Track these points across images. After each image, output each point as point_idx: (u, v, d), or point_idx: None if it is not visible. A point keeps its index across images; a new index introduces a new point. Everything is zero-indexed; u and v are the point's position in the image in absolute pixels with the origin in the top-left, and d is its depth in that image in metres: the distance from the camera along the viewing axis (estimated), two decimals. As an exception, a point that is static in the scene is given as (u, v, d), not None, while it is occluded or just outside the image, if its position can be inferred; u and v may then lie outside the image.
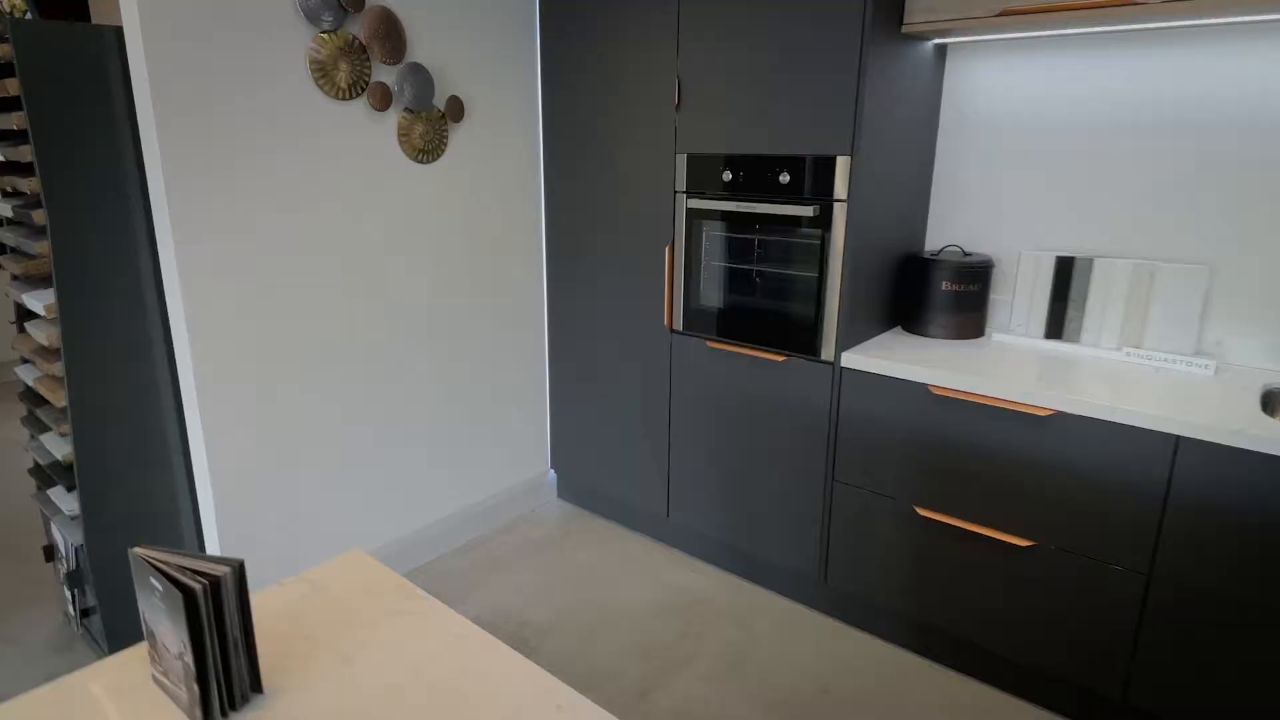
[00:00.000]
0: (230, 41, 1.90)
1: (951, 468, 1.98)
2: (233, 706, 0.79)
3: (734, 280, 2.35)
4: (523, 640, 2.27)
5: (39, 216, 1.80)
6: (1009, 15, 1.86)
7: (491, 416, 2.83)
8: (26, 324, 2.05)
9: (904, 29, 2.04)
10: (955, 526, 2.01)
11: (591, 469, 2.93)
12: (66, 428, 1.93)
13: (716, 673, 2.14)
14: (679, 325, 2.52)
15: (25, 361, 2.17)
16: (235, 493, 2.10)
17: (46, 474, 2.15)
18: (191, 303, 1.93)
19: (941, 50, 2.29)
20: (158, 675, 0.83)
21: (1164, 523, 1.70)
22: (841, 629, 2.34)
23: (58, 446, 2.05)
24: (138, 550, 0.79)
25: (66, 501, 2.06)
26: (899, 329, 2.39)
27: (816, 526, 2.30)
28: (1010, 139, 2.24)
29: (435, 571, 2.64)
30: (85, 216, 1.84)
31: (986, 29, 2.00)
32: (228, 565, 0.77)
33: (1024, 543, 1.90)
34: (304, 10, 2.03)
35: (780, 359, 2.28)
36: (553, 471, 3.14)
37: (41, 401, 2.11)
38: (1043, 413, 1.81)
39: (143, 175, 1.90)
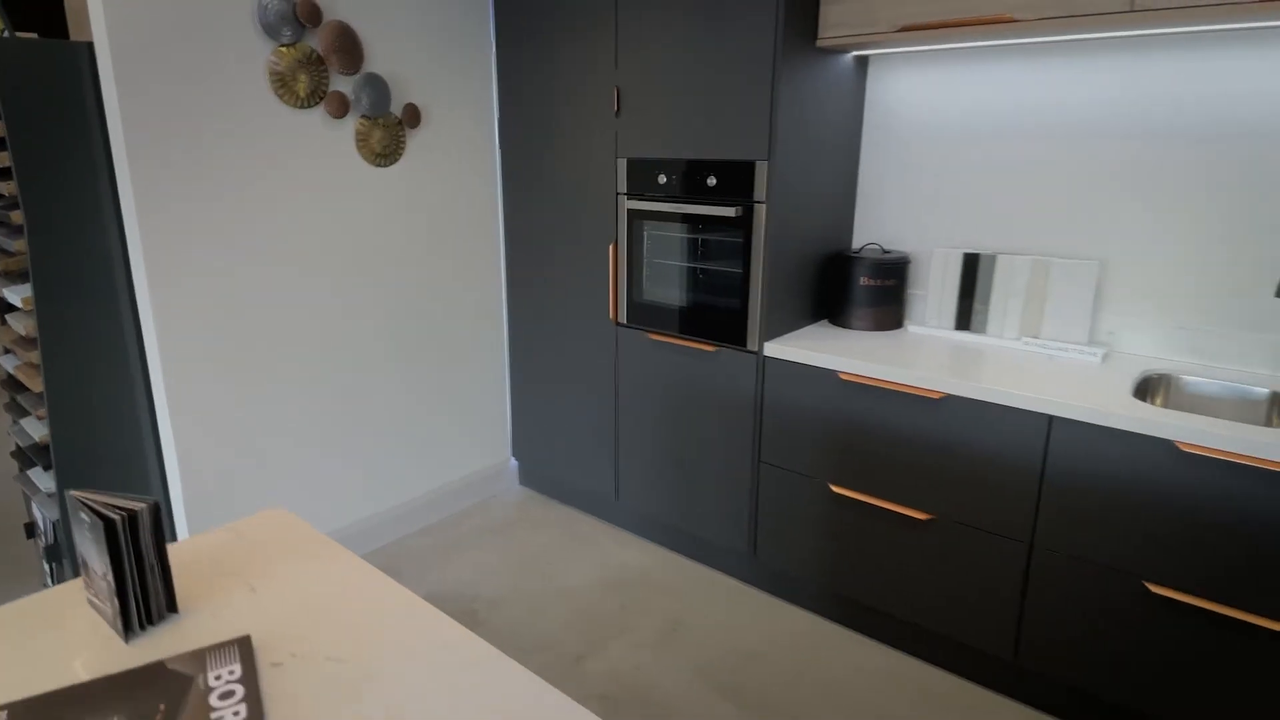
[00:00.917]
0: (194, 54, 2.06)
1: (860, 448, 2.15)
2: (150, 620, 0.96)
3: (671, 276, 2.51)
4: (471, 613, 2.44)
5: (16, 217, 1.97)
6: (907, 30, 2.03)
7: (454, 407, 3.00)
8: (6, 316, 2.21)
9: (819, 43, 2.21)
10: (865, 503, 2.17)
11: (549, 456, 3.09)
12: (43, 411, 2.10)
13: (650, 641, 2.31)
14: (623, 319, 2.68)
15: (7, 352, 2.33)
16: (203, 472, 2.27)
17: (27, 456, 2.32)
18: (159, 295, 2.10)
19: (863, 62, 2.46)
20: (90, 597, 1.00)
21: (1041, 495, 1.86)
22: (770, 601, 2.50)
23: (36, 429, 2.21)
24: (73, 492, 0.95)
25: (44, 480, 2.22)
26: (825, 322, 2.56)
27: (747, 506, 2.47)
28: (925, 144, 2.41)
29: (396, 551, 2.80)
30: (59, 216, 2.01)
31: (891, 43, 2.17)
32: (144, 503, 0.94)
33: (924, 516, 2.06)
34: (264, 25, 2.20)
35: (712, 349, 2.44)
36: (514, 459, 3.31)
37: (21, 388, 2.28)
38: (935, 396, 1.97)
39: (113, 177, 2.07)
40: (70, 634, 0.95)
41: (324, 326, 2.51)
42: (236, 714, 0.79)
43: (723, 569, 2.67)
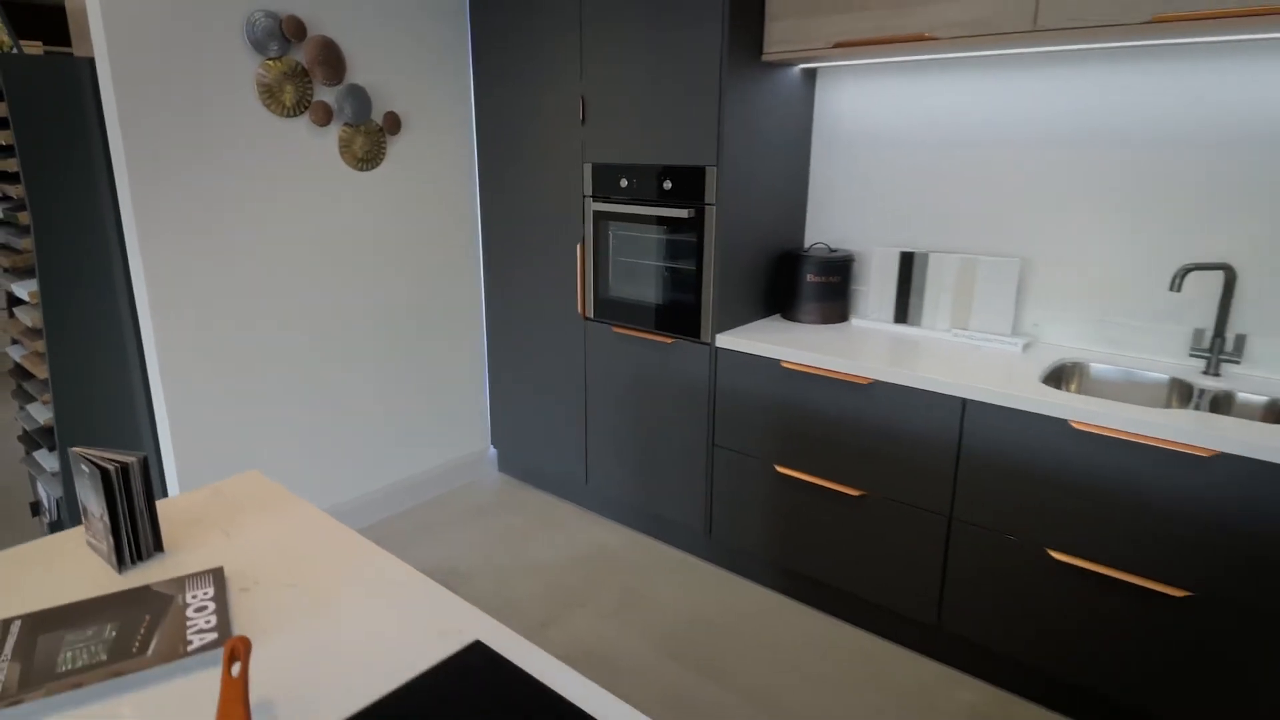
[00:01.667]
0: (187, 68, 2.25)
1: (800, 430, 2.33)
2: (140, 556, 1.14)
3: (634, 273, 2.69)
4: (448, 583, 2.62)
5: (23, 217, 2.16)
6: (842, 46, 2.21)
7: (435, 397, 3.18)
8: (14, 309, 2.40)
9: (765, 57, 2.39)
10: (805, 481, 2.35)
11: (526, 444, 3.27)
12: (48, 396, 2.28)
13: (610, 611, 2.49)
14: (590, 313, 2.86)
15: (15, 342, 2.52)
16: (195, 454, 2.45)
17: (33, 438, 2.50)
18: (154, 290, 2.28)
19: (811, 74, 2.64)
20: (89, 539, 1.18)
21: (958, 472, 2.04)
22: (724, 575, 2.68)
23: (41, 413, 2.40)
24: (75, 448, 1.14)
25: (49, 461, 2.41)
26: (778, 316, 2.74)
27: (702, 487, 2.65)
28: (868, 150, 2.59)
29: (379, 530, 2.99)
30: (63, 216, 2.19)
31: (829, 57, 2.35)
32: (135, 457, 1.12)
33: (856, 493, 2.24)
34: (252, 41, 2.38)
35: (669, 341, 2.62)
36: (493, 447, 3.49)
37: (28, 375, 2.46)
38: (864, 381, 2.15)
39: (113, 181, 2.25)
40: (72, 568, 1.13)
41: (311, 320, 2.69)
42: (208, 623, 0.98)
43: (681, 546, 2.85)
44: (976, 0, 1.95)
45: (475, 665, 0.91)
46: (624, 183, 2.63)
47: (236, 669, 0.84)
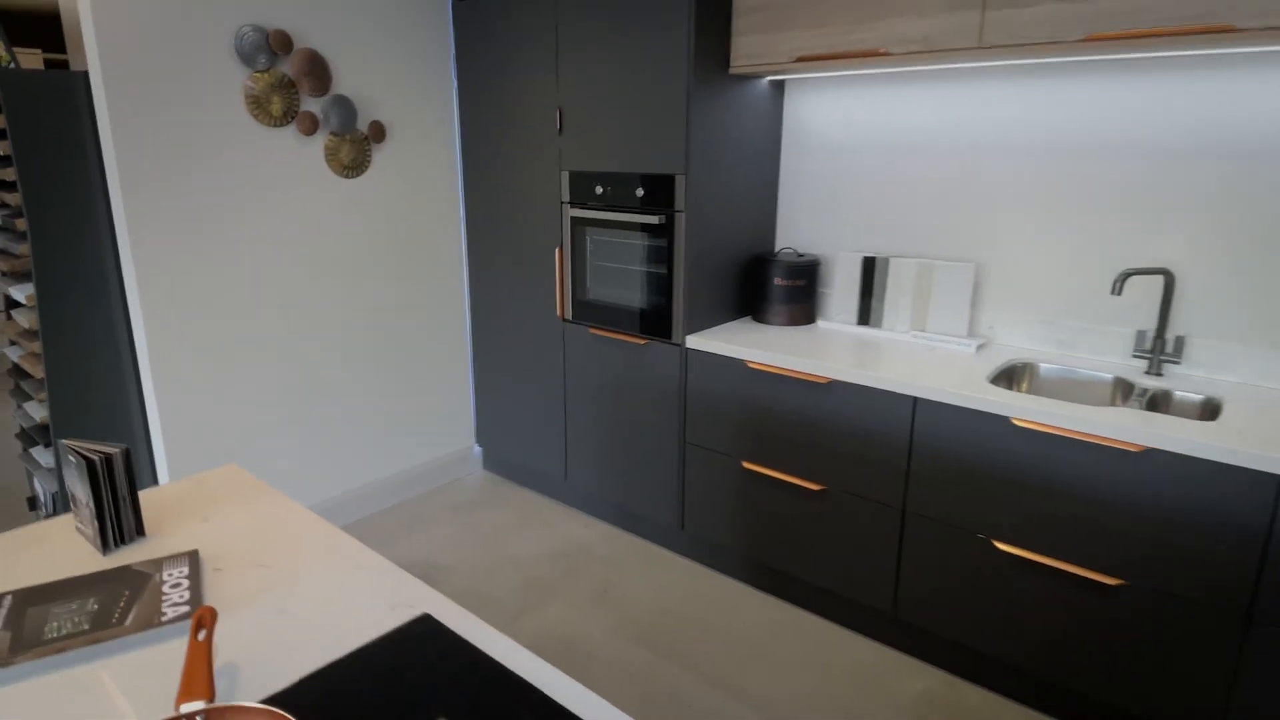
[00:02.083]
0: (178, 81, 2.35)
1: (765, 428, 2.43)
2: (122, 540, 1.24)
3: (609, 277, 2.80)
4: (426, 577, 2.72)
5: (20, 224, 2.26)
6: (803, 60, 2.31)
7: (421, 397, 3.28)
8: (12, 311, 2.50)
9: (731, 70, 2.49)
10: (770, 476, 2.45)
11: (509, 442, 3.37)
12: (44, 395, 2.39)
13: (582, 602, 2.59)
14: (569, 315, 2.96)
15: (12, 343, 2.62)
16: (186, 451, 2.55)
17: (30, 435, 2.60)
18: (146, 293, 2.38)
19: (779, 86, 2.74)
20: (77, 524, 1.28)
21: (910, 467, 2.14)
22: (696, 568, 2.78)
23: (38, 411, 2.50)
24: (64, 440, 1.24)
25: (45, 457, 2.51)
26: (748, 318, 2.84)
27: (675, 482, 2.75)
28: (833, 159, 2.69)
29: (365, 525, 3.09)
30: (59, 223, 2.29)
31: (791, 70, 2.45)
32: (118, 448, 1.22)
33: (817, 487, 2.34)
34: (240, 54, 2.49)
35: (643, 342, 2.72)
36: (477, 446, 3.59)
37: (25, 375, 2.56)
38: (823, 381, 2.25)
39: (106, 189, 2.35)
40: (61, 551, 1.23)
41: (300, 321, 2.79)
42: (181, 597, 1.07)
43: (655, 540, 2.94)
44: (927, 18, 2.05)
45: (421, 634, 1.01)
46: (599, 190, 2.73)
47: (203, 635, 0.93)
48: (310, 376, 2.87)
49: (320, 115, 2.73)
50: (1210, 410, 1.96)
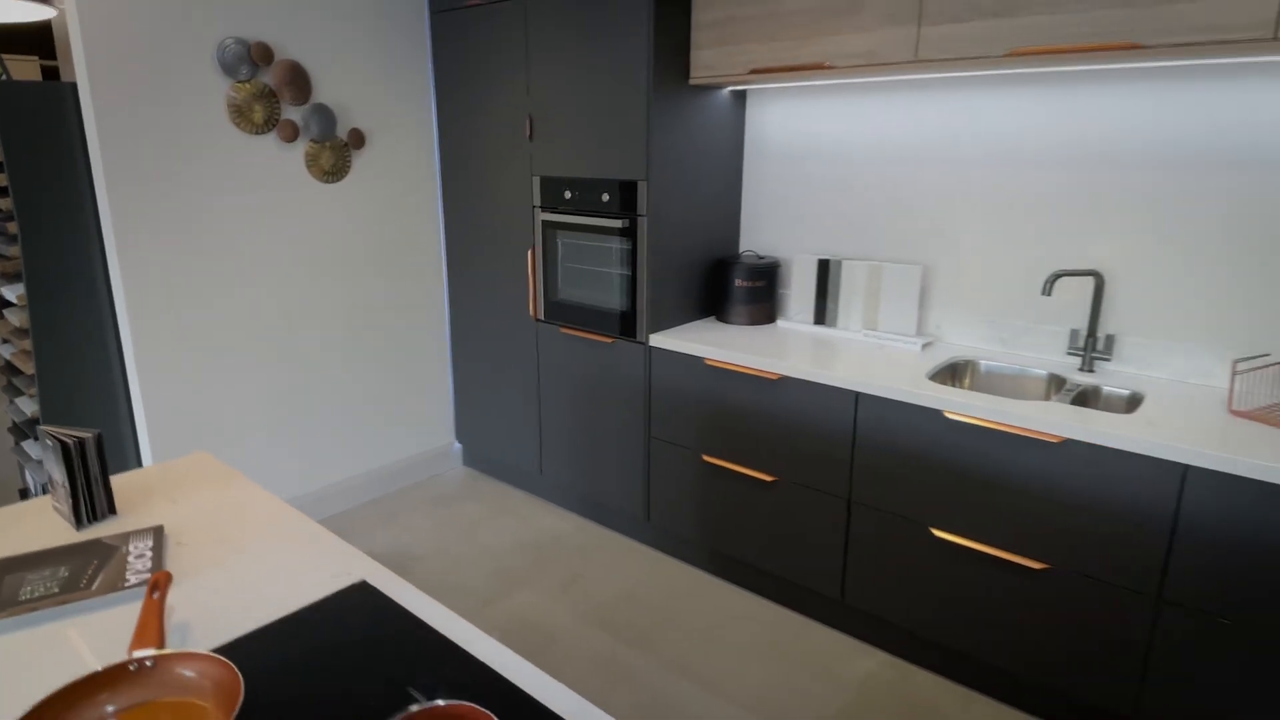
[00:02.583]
0: (162, 91, 2.47)
1: (723, 422, 2.54)
2: (95, 517, 1.35)
3: (579, 278, 2.91)
4: (401, 566, 2.83)
5: (12, 227, 2.38)
6: (756, 72, 2.42)
7: (402, 394, 3.40)
8: (3, 311, 2.62)
9: (691, 81, 2.61)
10: (727, 469, 2.57)
11: (487, 438, 3.49)
12: (35, 391, 2.50)
13: (550, 589, 2.70)
14: (541, 315, 3.08)
15: (4, 341, 2.74)
16: (170, 443, 2.67)
17: (21, 430, 2.72)
18: (132, 293, 2.50)
19: (741, 96, 2.85)
20: (54, 503, 1.39)
21: (854, 458, 2.25)
22: (660, 557, 2.89)
23: (29, 406, 2.61)
24: (43, 426, 1.35)
25: (35, 450, 2.63)
26: (713, 318, 2.95)
27: (641, 475, 2.86)
28: (792, 165, 2.80)
29: (346, 517, 3.20)
30: (49, 226, 2.41)
31: (746, 82, 2.57)
32: (91, 433, 1.33)
33: (769, 479, 2.45)
34: (223, 65, 2.61)
35: (610, 341, 2.84)
36: (458, 442, 3.70)
37: (17, 372, 2.68)
38: (774, 377, 2.36)
39: (94, 193, 2.47)
40: (38, 527, 1.34)
41: (283, 322, 2.91)
42: (144, 566, 1.19)
43: (623, 531, 3.06)
44: (868, 34, 2.17)
45: (357, 598, 1.12)
46: (568, 194, 2.85)
47: (157, 595, 1.05)
48: (293, 374, 2.99)
49: (301, 123, 2.85)
50: (1133, 404, 2.07)
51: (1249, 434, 1.76)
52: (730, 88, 2.77)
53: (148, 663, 0.92)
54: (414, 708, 0.80)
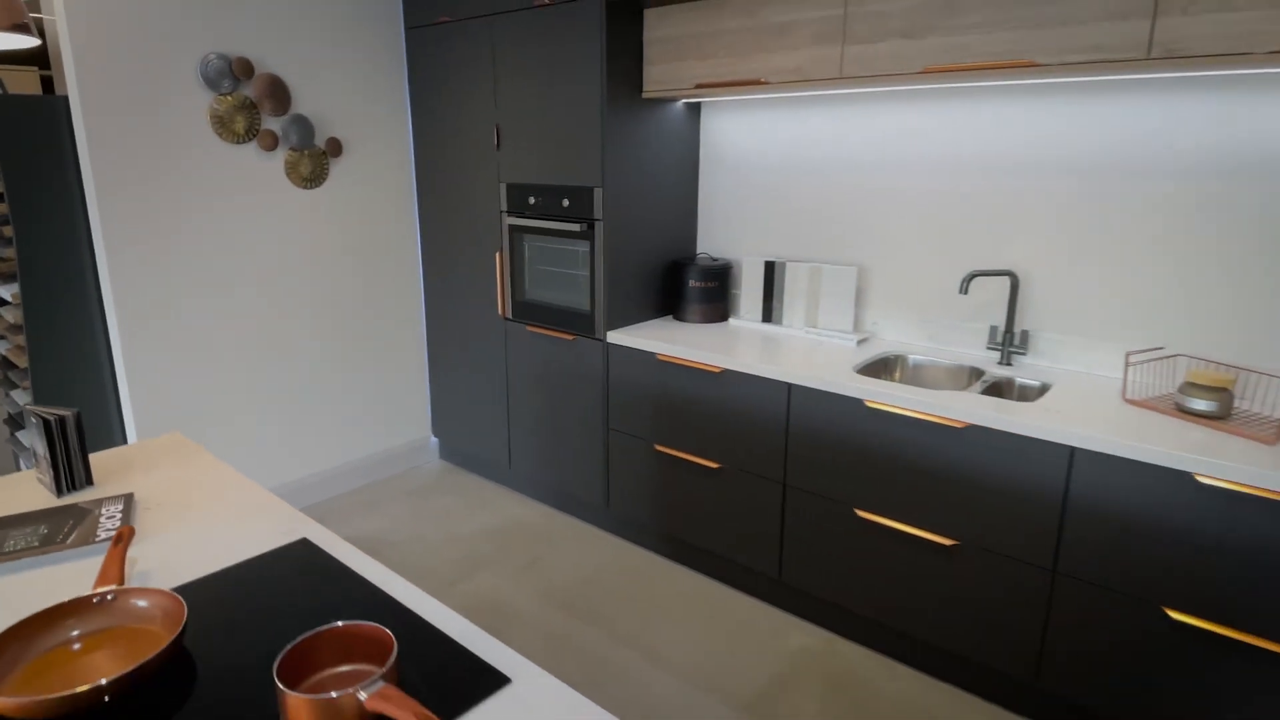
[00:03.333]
0: (149, 103, 2.65)
1: (672, 413, 2.71)
2: (73, 486, 1.52)
3: (543, 279, 3.08)
4: (375, 550, 3.00)
5: (8, 230, 2.55)
6: (701, 87, 2.60)
7: (382, 391, 3.57)
8: (0, 308, 2.79)
9: (644, 94, 2.78)
10: (676, 457, 2.73)
11: (461, 432, 3.66)
12: (28, 383, 2.68)
13: (513, 572, 2.86)
14: (509, 314, 3.25)
15: (1, 338, 2.91)
16: (156, 433, 2.84)
17: (16, 420, 2.89)
18: (120, 292, 2.68)
19: (695, 108, 3.03)
20: (38, 476, 1.56)
21: (788, 445, 2.42)
22: (619, 542, 3.06)
23: (22, 398, 2.79)
24: (27, 405, 1.52)
25: (29, 439, 2.80)
26: (670, 317, 3.12)
27: (601, 465, 3.03)
28: (741, 173, 2.98)
29: (326, 505, 3.37)
30: (43, 229, 2.59)
31: (694, 95, 2.74)
32: (71, 411, 1.51)
33: (714, 465, 2.62)
34: (206, 79, 2.78)
35: (571, 338, 3.01)
36: (434, 436, 3.87)
37: (11, 366, 2.85)
38: (715, 370, 2.53)
39: (84, 199, 2.65)
40: (23, 495, 1.51)
41: (265, 320, 3.09)
42: (114, 525, 1.36)
43: (585, 519, 3.22)
44: (798, 53, 2.35)
45: (297, 551, 1.29)
46: (532, 200, 3.02)
47: (120, 544, 1.22)
48: (275, 369, 3.16)
49: (280, 133, 3.03)
50: (1040, 394, 2.24)
51: (1137, 420, 1.92)
52: (682, 100, 2.94)
53: (109, 596, 1.09)
54: (321, 627, 0.97)
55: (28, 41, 1.35)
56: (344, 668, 0.98)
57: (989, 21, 2.01)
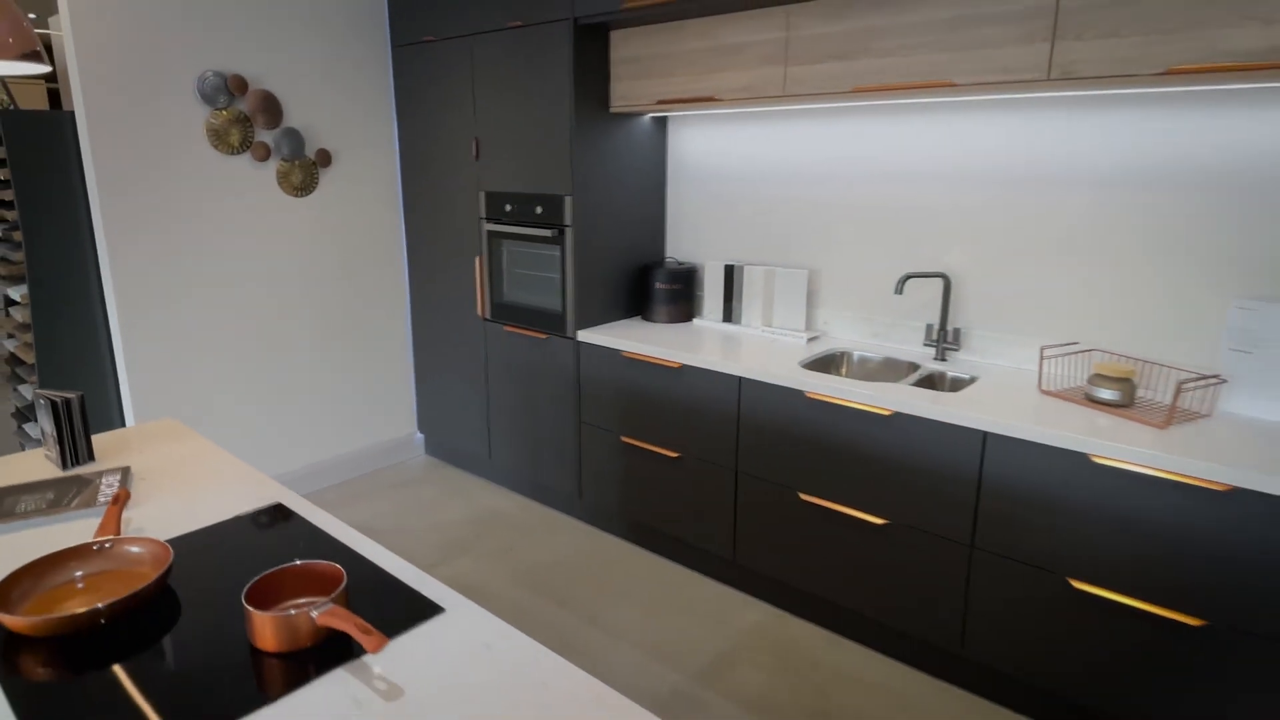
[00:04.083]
0: (149, 118, 2.85)
1: (635, 407, 2.89)
2: (77, 461, 1.71)
3: (519, 281, 3.28)
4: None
5: (17, 235, 2.75)
6: (662, 103, 2.80)
7: (370, 388, 3.76)
8: (9, 309, 2.99)
9: (612, 109, 2.98)
10: (640, 447, 2.92)
11: (445, 428, 3.85)
12: (35, 378, 2.87)
13: (488, 556, 3.05)
14: (488, 315, 3.45)
15: (10, 336, 3.11)
16: (152, 426, 3.03)
17: (24, 414, 3.09)
18: (122, 294, 2.87)
19: (662, 122, 3.23)
20: (46, 453, 1.75)
21: (739, 435, 2.61)
22: (589, 529, 3.24)
23: (30, 392, 2.98)
24: (37, 389, 1.72)
25: (37, 431, 2.99)
26: (639, 317, 3.31)
27: (574, 457, 3.21)
28: (706, 182, 3.17)
29: (315, 497, 3.55)
30: (50, 235, 2.79)
31: (657, 111, 2.94)
32: (75, 394, 1.70)
33: (674, 455, 2.81)
34: (202, 95, 2.99)
35: (544, 337, 3.20)
36: (420, 432, 4.06)
37: (20, 362, 3.05)
38: (675, 366, 2.72)
39: (88, 206, 2.85)
40: (33, 468, 1.70)
41: (258, 321, 3.28)
42: (112, 490, 1.55)
43: (560, 508, 3.41)
44: (747, 72, 2.55)
45: (271, 512, 1.48)
46: (508, 207, 3.22)
47: (117, 504, 1.41)
48: (268, 367, 3.35)
49: (273, 145, 3.23)
50: (967, 385, 2.42)
51: (1048, 408, 2.11)
52: (647, 115, 3.14)
53: (106, 544, 1.28)
54: (284, 565, 1.16)
55: (39, 68, 1.55)
56: (303, 599, 1.17)
57: (911, 45, 2.21)
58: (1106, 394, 2.12)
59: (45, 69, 1.57)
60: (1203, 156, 2.09)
